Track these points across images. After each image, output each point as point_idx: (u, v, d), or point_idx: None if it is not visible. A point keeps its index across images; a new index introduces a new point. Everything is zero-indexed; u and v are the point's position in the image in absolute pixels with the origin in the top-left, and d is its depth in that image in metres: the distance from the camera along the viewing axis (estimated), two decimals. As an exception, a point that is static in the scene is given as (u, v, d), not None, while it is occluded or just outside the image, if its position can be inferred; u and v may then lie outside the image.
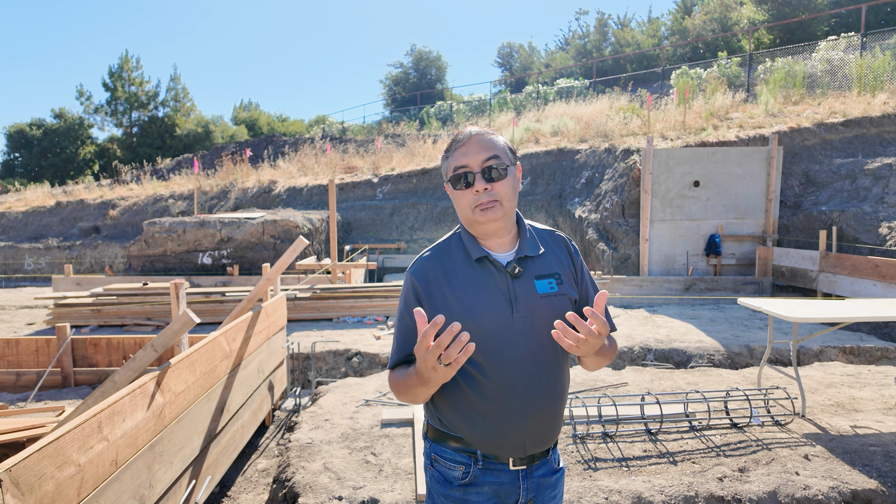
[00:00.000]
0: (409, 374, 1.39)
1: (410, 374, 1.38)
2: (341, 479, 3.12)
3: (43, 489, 1.69)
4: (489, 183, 1.44)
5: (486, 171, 1.44)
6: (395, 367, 1.52)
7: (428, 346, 1.20)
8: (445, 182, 1.53)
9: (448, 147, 1.52)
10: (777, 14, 21.88)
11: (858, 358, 6.00)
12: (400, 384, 1.45)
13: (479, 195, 1.44)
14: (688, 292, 9.05)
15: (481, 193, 1.44)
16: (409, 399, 1.46)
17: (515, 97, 24.26)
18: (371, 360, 6.06)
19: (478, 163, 1.44)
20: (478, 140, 1.47)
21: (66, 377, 5.14)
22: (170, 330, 2.86)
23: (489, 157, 1.45)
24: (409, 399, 1.46)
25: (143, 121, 32.30)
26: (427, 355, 1.21)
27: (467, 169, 1.45)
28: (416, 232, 13.90)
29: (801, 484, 2.96)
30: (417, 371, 1.31)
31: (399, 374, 1.47)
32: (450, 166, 1.50)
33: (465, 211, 1.48)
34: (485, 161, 1.44)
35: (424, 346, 1.20)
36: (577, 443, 3.53)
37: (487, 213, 1.45)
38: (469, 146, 1.46)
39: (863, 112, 10.71)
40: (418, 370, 1.30)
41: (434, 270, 1.50)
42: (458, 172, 1.46)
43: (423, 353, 1.22)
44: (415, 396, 1.43)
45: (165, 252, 10.77)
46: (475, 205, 1.45)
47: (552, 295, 1.48)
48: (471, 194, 1.45)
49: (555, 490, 1.57)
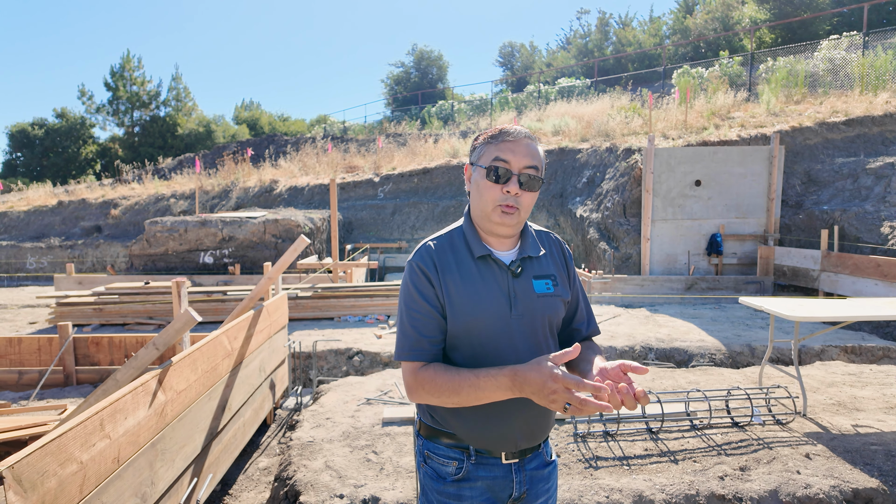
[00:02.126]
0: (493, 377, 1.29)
1: (495, 378, 1.28)
2: (342, 478, 3.13)
3: (45, 486, 1.70)
4: (521, 189, 1.43)
5: (525, 177, 1.43)
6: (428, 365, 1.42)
7: (567, 387, 1.14)
8: (475, 165, 1.49)
9: (495, 135, 1.48)
10: (779, 13, 21.84)
11: (860, 357, 5.99)
12: (461, 385, 1.34)
13: (508, 196, 1.43)
14: (689, 292, 9.04)
15: (510, 196, 1.43)
16: (459, 401, 1.35)
17: (517, 96, 24.24)
18: (372, 358, 6.06)
19: (520, 165, 1.43)
20: (528, 144, 1.45)
21: (68, 376, 5.15)
22: (171, 328, 2.87)
23: (531, 165, 1.44)
24: (459, 401, 1.35)
25: (144, 120, 32.33)
26: (560, 395, 1.15)
27: (508, 166, 1.43)
28: (418, 231, 13.90)
29: (802, 483, 2.96)
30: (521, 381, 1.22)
31: (453, 374, 1.36)
32: (489, 154, 1.46)
33: (486, 205, 1.45)
34: (526, 167, 1.43)
35: (563, 385, 1.15)
36: (578, 441, 3.53)
37: (506, 217, 1.44)
38: (518, 145, 1.44)
39: (865, 111, 10.69)
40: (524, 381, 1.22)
41: (439, 258, 1.48)
42: (498, 165, 1.43)
43: (554, 388, 1.15)
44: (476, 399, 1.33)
45: (167, 251, 10.79)
46: (499, 203, 1.43)
47: (548, 295, 1.49)
48: (499, 191, 1.43)
49: (548, 482, 1.58)
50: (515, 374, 1.25)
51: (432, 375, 1.39)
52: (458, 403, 1.36)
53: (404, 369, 1.45)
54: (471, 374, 1.34)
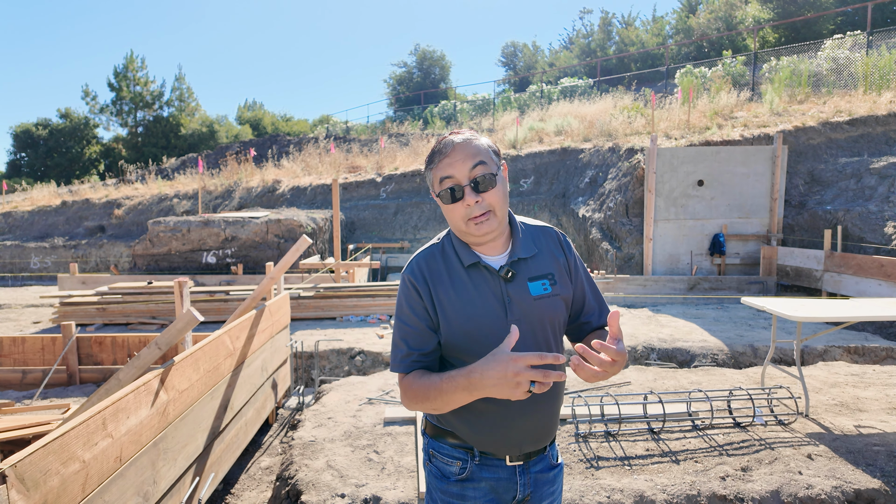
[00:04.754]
0: (452, 378, 1.30)
1: (454, 379, 1.29)
2: (344, 477, 3.13)
3: (48, 485, 1.71)
4: (479, 194, 1.38)
5: (474, 182, 1.38)
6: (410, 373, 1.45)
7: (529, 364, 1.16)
8: (434, 195, 1.45)
9: (430, 157, 1.44)
10: (782, 12, 21.78)
11: (863, 358, 5.97)
12: (429, 389, 1.36)
13: (472, 208, 1.39)
14: (691, 292, 9.03)
15: (473, 207, 1.38)
16: (433, 406, 1.37)
17: (519, 96, 24.23)
18: (374, 358, 6.07)
19: (464, 173, 1.38)
20: (461, 148, 1.39)
21: (71, 375, 5.17)
22: (174, 328, 2.88)
23: (475, 164, 1.38)
24: (433, 406, 1.37)
25: (147, 120, 32.44)
26: (523, 374, 1.16)
27: (455, 181, 1.38)
28: (420, 231, 13.91)
29: (804, 483, 2.96)
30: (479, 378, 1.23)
31: (424, 379, 1.39)
32: (435, 178, 1.42)
33: (458, 224, 1.42)
34: (471, 170, 1.38)
35: (524, 364, 1.16)
36: (580, 441, 3.53)
37: (482, 226, 1.40)
38: (453, 156, 1.39)
39: (868, 111, 10.65)
40: (482, 377, 1.22)
41: (430, 270, 1.47)
42: (446, 186, 1.39)
43: (517, 369, 1.16)
44: (444, 404, 1.34)
45: (170, 251, 10.82)
46: (468, 218, 1.40)
47: (546, 296, 1.46)
48: (462, 208, 1.39)
49: (553, 486, 1.57)
50: (471, 372, 1.25)
51: (410, 383, 1.42)
52: (436, 409, 1.38)
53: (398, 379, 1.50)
54: (437, 378, 1.35)
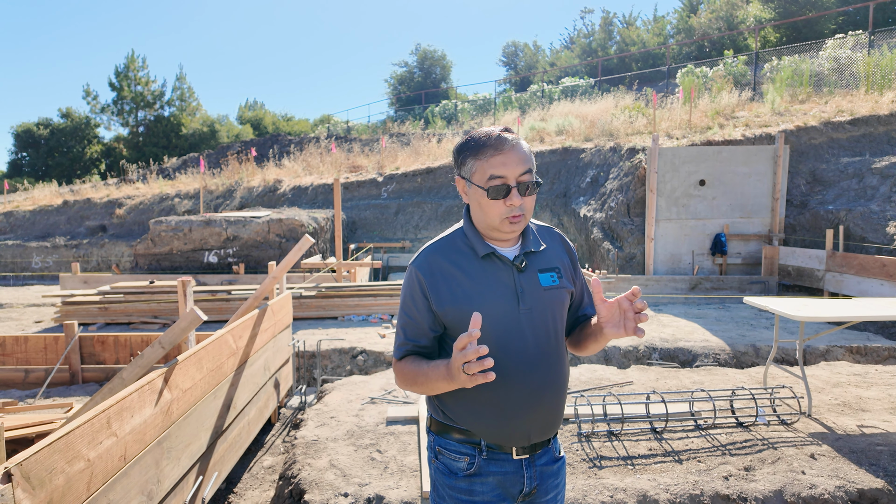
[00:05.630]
0: (435, 366, 1.40)
1: (437, 367, 1.39)
2: (347, 476, 3.14)
3: (53, 483, 1.71)
4: (522, 198, 1.44)
5: (523, 186, 1.44)
6: (404, 358, 1.54)
7: (461, 347, 1.23)
8: (469, 181, 1.48)
9: (477, 147, 1.45)
10: (784, 12, 21.76)
11: (865, 357, 5.97)
12: (417, 375, 1.46)
13: (513, 209, 1.44)
14: (693, 291, 9.02)
15: (515, 208, 1.44)
16: (421, 390, 1.48)
17: (520, 96, 24.22)
18: (376, 358, 6.07)
19: (515, 175, 1.42)
20: (516, 151, 1.43)
21: (73, 374, 5.17)
22: (177, 327, 2.89)
23: (526, 170, 1.43)
24: (421, 390, 1.48)
25: (149, 120, 32.45)
26: (458, 356, 1.23)
27: (505, 181, 1.42)
28: (421, 231, 13.92)
29: (807, 483, 2.96)
30: (449, 366, 1.31)
31: (414, 364, 1.49)
32: (483, 172, 1.43)
33: (493, 219, 1.46)
34: (522, 174, 1.43)
35: (459, 347, 1.23)
36: (583, 441, 3.53)
37: (515, 225, 1.47)
38: (508, 156, 1.42)
39: (870, 110, 10.64)
40: (451, 366, 1.30)
41: (440, 264, 1.51)
42: (497, 184, 1.42)
43: (457, 354, 1.24)
44: (430, 389, 1.45)
45: (172, 251, 10.83)
46: (506, 216, 1.45)
47: (554, 287, 1.53)
48: (503, 206, 1.44)
49: (557, 478, 1.61)
50: (449, 363, 1.33)
51: (403, 366, 1.52)
52: (423, 392, 1.49)
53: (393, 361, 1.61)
54: (426, 365, 1.45)
